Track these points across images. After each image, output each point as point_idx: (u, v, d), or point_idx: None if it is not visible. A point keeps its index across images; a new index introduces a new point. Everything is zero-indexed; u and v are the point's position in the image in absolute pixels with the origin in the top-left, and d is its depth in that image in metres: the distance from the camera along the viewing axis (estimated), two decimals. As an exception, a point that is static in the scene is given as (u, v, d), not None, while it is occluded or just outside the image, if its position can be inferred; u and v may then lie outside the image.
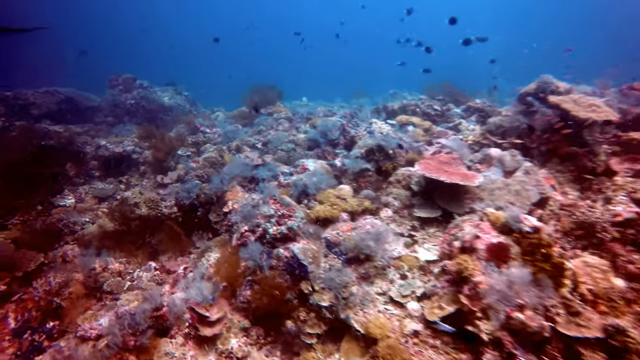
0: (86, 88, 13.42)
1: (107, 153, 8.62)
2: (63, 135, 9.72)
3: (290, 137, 6.52)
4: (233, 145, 7.41)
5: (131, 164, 8.76)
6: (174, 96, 11.73)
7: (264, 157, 6.23)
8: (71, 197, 7.57)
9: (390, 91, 10.54)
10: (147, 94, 10.99)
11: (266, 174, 5.59)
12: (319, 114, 7.49)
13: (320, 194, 4.81)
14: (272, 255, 4.20)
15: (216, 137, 8.68)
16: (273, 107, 8.66)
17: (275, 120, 8.21)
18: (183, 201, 5.77)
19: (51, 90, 11.75)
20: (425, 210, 4.81)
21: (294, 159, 6.09)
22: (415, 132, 6.31)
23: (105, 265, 5.17)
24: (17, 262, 4.85)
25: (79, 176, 8.07)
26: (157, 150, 7.83)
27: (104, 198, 7.70)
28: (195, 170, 6.17)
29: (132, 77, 11.59)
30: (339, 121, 6.38)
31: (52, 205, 7.21)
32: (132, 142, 8.95)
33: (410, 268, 4.14)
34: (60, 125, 11.15)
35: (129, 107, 10.82)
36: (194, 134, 8.90)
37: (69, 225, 6.33)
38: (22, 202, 6.88)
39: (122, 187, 8.13)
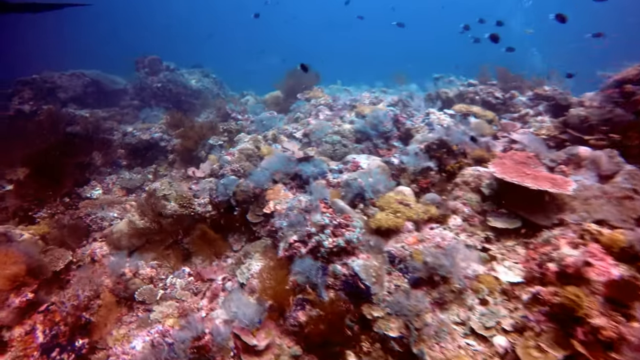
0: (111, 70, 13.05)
1: (134, 141, 8.19)
2: (89, 120, 9.36)
3: (334, 128, 5.86)
4: (269, 134, 6.80)
5: (159, 151, 8.32)
6: (202, 79, 11.17)
7: (306, 149, 5.61)
8: (98, 187, 7.19)
9: (435, 75, 9.66)
10: (174, 77, 10.47)
11: (312, 170, 4.98)
12: (364, 101, 6.78)
13: (380, 198, 4.16)
14: (327, 271, 3.62)
15: (249, 125, 8.09)
16: (310, 92, 7.98)
17: (313, 106, 7.54)
18: (218, 199, 5.23)
19: (77, 73, 11.40)
20: (502, 220, 4.10)
21: (340, 153, 5.44)
22: (479, 124, 5.54)
23: (135, 270, 4.72)
24: (44, 266, 4.43)
25: (106, 165, 7.67)
26: (186, 138, 7.32)
27: (132, 189, 7.30)
28: (230, 164, 5.61)
29: (159, 59, 11.08)
30: (391, 111, 5.66)
31: (79, 197, 6.84)
32: (159, 129, 8.48)
33: (491, 291, 3.48)
34: (87, 110, 10.83)
35: (155, 91, 10.34)
36: (225, 121, 8.34)
37: (97, 221, 5.93)
38: (50, 193, 6.52)
39: (150, 178, 7.70)
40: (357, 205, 4.30)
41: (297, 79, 8.31)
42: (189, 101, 10.58)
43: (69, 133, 7.27)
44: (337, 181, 4.75)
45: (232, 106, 8.33)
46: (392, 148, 5.38)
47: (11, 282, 4.17)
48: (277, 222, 4.37)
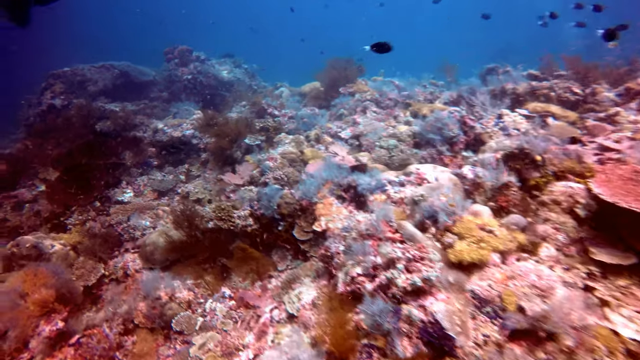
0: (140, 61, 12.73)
1: (165, 138, 7.77)
2: (119, 115, 9.01)
3: (389, 130, 5.20)
4: (312, 134, 6.21)
5: (191, 149, 7.88)
6: (233, 69, 10.64)
7: (357, 155, 4.98)
8: (129, 190, 6.83)
9: (488, 65, 8.75)
10: (205, 68, 9.98)
11: (368, 182, 4.35)
12: (417, 97, 6.06)
13: (457, 222, 3.50)
14: (400, 315, 3.03)
15: (287, 122, 7.51)
16: (354, 86, 7.30)
17: (358, 102, 6.87)
18: (260, 211, 4.70)
19: (107, 65, 11.11)
20: (609, 252, 3.38)
21: (397, 160, 4.79)
22: (561, 127, 4.74)
23: (171, 293, 4.28)
24: (74, 292, 4.03)
25: (136, 165, 7.29)
26: (220, 137, 6.81)
27: (164, 192, 6.90)
28: (272, 171, 5.06)
29: (189, 49, 10.60)
30: (456, 111, 4.94)
31: (110, 201, 6.49)
32: (191, 125, 8.03)
33: (612, 352, 2.80)
34: (116, 103, 10.53)
35: (185, 83, 9.90)
36: (261, 117, 7.79)
37: (129, 230, 5.54)
38: (80, 197, 6.19)
39: (183, 179, 7.28)
40: (428, 229, 3.66)
41: (339, 70, 7.62)
42: (220, 93, 10.09)
43: (99, 132, 6.89)
44: (400, 197, 4.11)
45: (269, 100, 7.75)
46: (457, 155, 4.68)
47: (41, 307, 3.81)
48: (333, 245, 3.79)
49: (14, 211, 7.25)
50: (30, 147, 8.27)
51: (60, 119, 9.46)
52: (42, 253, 5.00)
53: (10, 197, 7.41)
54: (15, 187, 7.91)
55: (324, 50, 10.69)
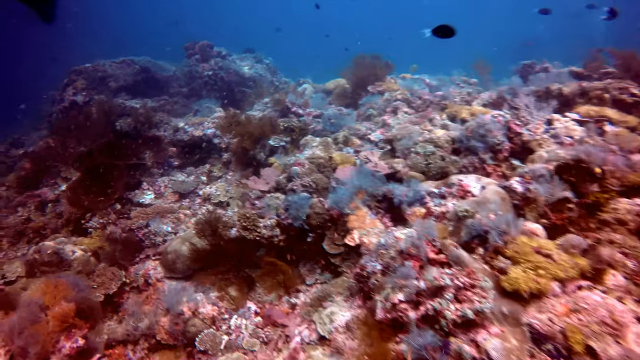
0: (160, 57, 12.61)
1: (186, 137, 7.58)
2: (140, 112, 8.87)
3: (425, 134, 4.84)
4: (340, 136, 5.90)
5: (212, 149, 7.68)
6: (254, 65, 10.38)
7: (391, 162, 4.65)
8: (150, 191, 6.67)
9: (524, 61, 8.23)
10: (226, 64, 9.75)
11: (405, 192, 4.03)
12: (453, 98, 5.67)
13: (510, 244, 3.15)
14: (449, 350, 2.72)
15: (312, 121, 7.21)
16: (383, 84, 6.94)
17: (388, 102, 6.51)
18: (288, 221, 4.44)
19: (127, 61, 11.00)
20: (687, 282, 2.98)
21: (435, 168, 4.44)
22: (620, 134, 4.30)
23: (195, 308, 4.07)
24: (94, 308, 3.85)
25: (157, 166, 7.13)
26: (243, 138, 6.57)
27: (185, 194, 6.71)
28: (300, 178, 4.78)
29: (209, 44, 10.38)
30: (501, 116, 4.54)
31: (130, 203, 6.35)
32: (212, 124, 7.82)
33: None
34: (137, 100, 10.42)
35: (206, 80, 9.70)
36: (285, 116, 7.51)
37: (150, 236, 5.36)
38: (101, 199, 6.05)
39: (204, 179, 7.09)
40: (475, 250, 3.33)
41: (367, 67, 7.25)
42: (242, 90, 9.86)
43: (120, 131, 6.74)
44: (441, 210, 3.78)
45: (292, 98, 7.45)
46: (501, 165, 4.30)
47: (61, 322, 3.64)
48: (369, 264, 3.50)
49: (37, 210, 7.21)
50: (52, 145, 8.21)
51: (82, 116, 9.40)
52: (63, 259, 4.87)
53: (34, 197, 7.39)
54: (38, 186, 7.89)
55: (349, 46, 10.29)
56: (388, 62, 7.53)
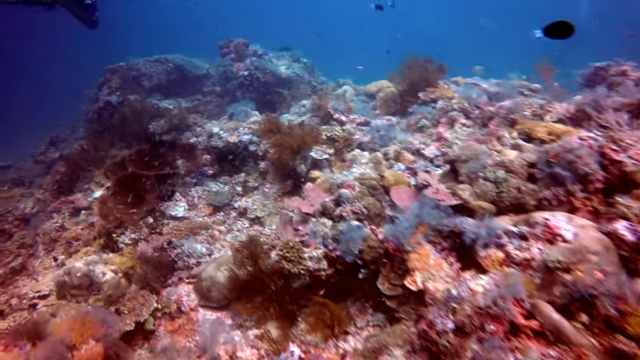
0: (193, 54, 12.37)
1: (221, 144, 7.20)
2: (173, 114, 8.60)
3: (494, 156, 4.21)
4: (390, 151, 5.34)
5: (248, 156, 7.28)
6: (291, 64, 9.89)
7: (456, 188, 4.05)
8: (183, 202, 6.34)
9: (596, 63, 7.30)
10: (262, 63, 9.31)
11: (474, 229, 3.44)
12: (522, 111, 4.95)
13: (630, 317, 2.52)
14: None
15: (356, 129, 6.67)
16: (436, 91, 6.28)
17: (442, 112, 5.86)
18: (337, 253, 3.95)
19: (161, 59, 10.78)
20: None
21: (508, 199, 3.80)
22: None
23: (232, 351, 3.67)
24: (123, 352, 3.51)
25: (190, 175, 6.79)
26: (282, 147, 6.10)
27: (219, 207, 6.34)
28: (350, 203, 4.25)
29: (245, 42, 9.96)
30: (592, 139, 3.84)
31: (163, 215, 6.04)
32: (248, 129, 7.41)
33: None
34: (170, 100, 10.19)
35: (241, 80, 9.30)
36: (326, 123, 6.99)
37: (183, 257, 5.01)
38: (133, 212, 5.77)
39: (239, 190, 6.70)
40: (576, 316, 2.71)
41: (418, 71, 6.60)
42: (278, 91, 9.40)
43: (152, 138, 6.43)
44: (524, 257, 3.16)
45: (335, 103, 6.91)
46: (592, 198, 3.62)
47: (88, 366, 3.33)
48: (438, 321, 2.95)
49: (71, 217, 7.07)
50: (85, 149, 8.07)
51: (115, 117, 9.25)
52: (93, 282, 4.59)
53: (68, 203, 7.25)
54: (72, 190, 7.77)
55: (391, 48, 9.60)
56: (442, 65, 6.83)
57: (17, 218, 7.60)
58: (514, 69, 7.96)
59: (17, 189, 9.33)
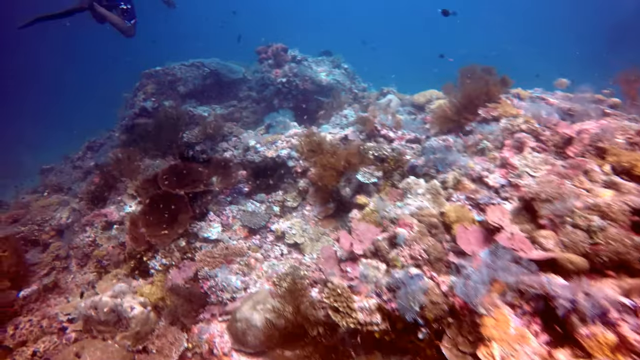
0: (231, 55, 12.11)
1: (258, 159, 6.80)
2: (208, 122, 8.31)
3: (584, 197, 3.52)
4: (449, 179, 4.73)
5: (286, 172, 6.84)
6: (332, 70, 9.37)
7: (536, 235, 3.41)
8: (217, 223, 5.98)
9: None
10: (301, 70, 8.83)
11: (569, 295, 2.79)
12: (613, 137, 4.20)
13: None
14: None
15: (405, 147, 6.08)
16: (498, 107, 5.57)
17: (507, 132, 5.16)
18: (392, 305, 3.41)
19: (197, 63, 10.55)
20: None
21: (607, 253, 3.12)
22: None
23: (273, 418, 3.21)
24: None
25: (225, 192, 6.42)
26: (324, 168, 5.60)
27: (255, 230, 5.93)
28: (408, 246, 3.69)
29: (284, 47, 9.52)
30: None
31: (196, 237, 5.69)
32: (287, 143, 6.97)
33: None
34: (205, 106, 9.94)
35: (279, 87, 8.87)
36: (372, 138, 6.44)
37: (216, 290, 4.61)
38: (165, 233, 5.45)
39: (277, 211, 6.27)
40: None
41: (478, 83, 5.89)
42: (317, 99, 8.91)
43: (186, 157, 6.10)
44: (635, 338, 2.50)
45: (383, 117, 6.33)
46: None
47: None
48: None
49: (104, 231, 6.90)
50: (120, 159, 7.90)
51: (150, 124, 9.08)
52: (120, 318, 4.27)
53: (101, 216, 7.07)
54: (106, 202, 7.62)
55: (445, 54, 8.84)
56: (505, 78, 6.08)
57: (53, 228, 7.56)
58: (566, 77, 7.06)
59: (55, 195, 9.37)
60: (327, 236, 5.59)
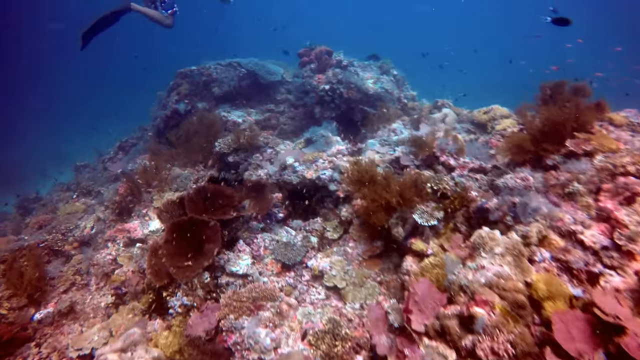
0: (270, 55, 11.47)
1: (296, 179, 6.10)
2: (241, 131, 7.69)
3: None
4: (532, 232, 3.81)
5: (327, 195, 6.11)
6: (379, 78, 8.48)
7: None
8: (247, 254, 5.32)
9: None
10: (346, 76, 8.01)
11: None
12: None
13: None
14: None
15: (469, 181, 5.17)
16: (592, 139, 4.54)
17: (606, 174, 4.16)
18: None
19: (233, 63, 9.96)
20: None
21: None
22: None
23: None
24: None
25: (257, 218, 5.76)
26: (373, 202, 4.81)
27: (290, 266, 5.23)
28: (490, 335, 2.86)
29: (328, 51, 8.72)
30: None
31: (222, 271, 5.08)
32: (329, 163, 6.24)
33: None
34: (240, 111, 9.34)
35: (322, 94, 8.09)
36: (428, 164, 5.57)
37: (242, 349, 3.95)
38: (188, 265, 4.86)
39: (314, 242, 5.55)
40: None
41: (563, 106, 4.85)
42: (363, 109, 8.07)
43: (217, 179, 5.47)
44: None
45: (443, 141, 5.45)
46: None
47: None
48: None
49: (126, 248, 6.47)
50: (147, 167, 7.44)
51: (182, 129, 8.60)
52: (131, 378, 3.69)
53: (124, 231, 6.64)
54: (131, 214, 7.19)
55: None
56: (601, 102, 5.01)
57: (76, 239, 7.20)
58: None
59: (83, 199, 9.10)
60: (372, 281, 4.81)
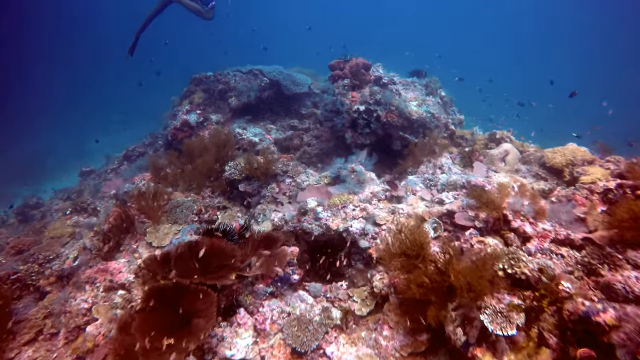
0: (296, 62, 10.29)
1: (318, 230, 4.88)
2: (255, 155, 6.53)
3: None
4: None
5: (355, 252, 4.86)
6: (425, 99, 7.13)
7: None
8: (248, 328, 4.11)
9: None
10: (386, 97, 6.70)
11: None
12: None
13: None
14: None
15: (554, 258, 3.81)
16: None
17: None
18: None
19: (255, 71, 8.82)
20: None
21: None
22: None
23: None
24: None
25: (264, 281, 4.54)
26: (420, 288, 3.50)
27: (303, 354, 3.98)
28: None
29: (365, 64, 7.42)
30: None
31: (214, 355, 3.88)
32: (361, 211, 4.98)
33: None
34: (258, 128, 8.16)
35: (355, 116, 6.80)
36: (494, 228, 4.23)
37: None
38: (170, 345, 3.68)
39: (337, 317, 4.29)
40: None
41: None
42: (403, 137, 6.73)
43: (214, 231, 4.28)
44: None
45: (517, 201, 4.11)
46: None
47: None
48: None
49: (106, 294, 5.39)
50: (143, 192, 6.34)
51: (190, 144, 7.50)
52: None
53: (106, 272, 5.55)
54: (119, 248, 6.11)
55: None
56: None
57: (53, 274, 6.16)
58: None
59: (76, 217, 8.11)
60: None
